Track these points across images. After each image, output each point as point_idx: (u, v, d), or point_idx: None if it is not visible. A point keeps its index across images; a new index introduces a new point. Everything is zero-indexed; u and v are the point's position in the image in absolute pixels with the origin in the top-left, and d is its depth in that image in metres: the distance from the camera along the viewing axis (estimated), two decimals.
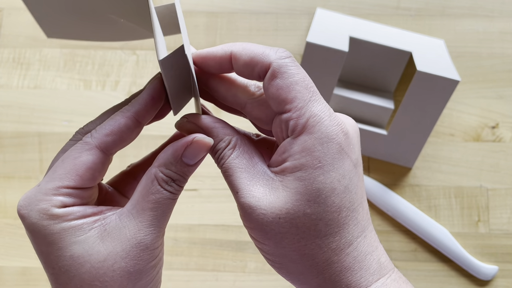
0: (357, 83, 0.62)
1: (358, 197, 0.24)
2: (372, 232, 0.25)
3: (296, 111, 0.24)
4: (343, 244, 0.24)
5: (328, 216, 0.23)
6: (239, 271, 0.55)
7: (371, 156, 0.59)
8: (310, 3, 0.64)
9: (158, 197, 0.25)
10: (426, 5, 0.64)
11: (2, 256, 0.56)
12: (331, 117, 0.24)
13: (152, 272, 0.25)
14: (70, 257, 0.24)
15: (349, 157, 0.24)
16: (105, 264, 0.24)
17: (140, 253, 0.24)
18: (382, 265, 0.24)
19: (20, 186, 0.58)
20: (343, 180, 0.23)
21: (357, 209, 0.24)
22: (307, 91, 0.24)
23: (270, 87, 0.24)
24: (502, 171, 0.59)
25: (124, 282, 0.24)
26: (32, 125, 0.60)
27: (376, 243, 0.25)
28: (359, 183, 0.24)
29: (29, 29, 0.63)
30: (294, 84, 0.24)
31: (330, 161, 0.23)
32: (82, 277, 0.24)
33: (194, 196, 0.57)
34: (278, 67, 0.24)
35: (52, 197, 0.24)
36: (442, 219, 0.57)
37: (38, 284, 0.55)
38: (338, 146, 0.23)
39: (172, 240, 0.56)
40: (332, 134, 0.23)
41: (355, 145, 0.25)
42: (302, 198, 0.23)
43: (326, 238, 0.23)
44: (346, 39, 0.56)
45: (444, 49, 0.60)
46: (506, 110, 0.60)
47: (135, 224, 0.25)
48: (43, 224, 0.24)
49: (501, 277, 0.56)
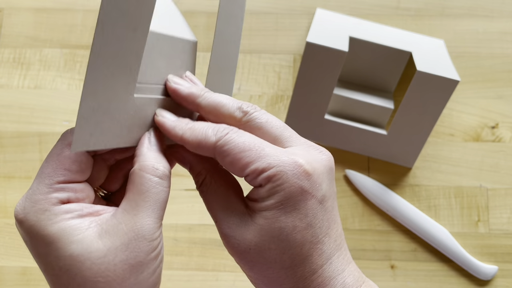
0: (357, 83, 0.62)
1: (323, 230, 0.26)
2: (340, 256, 0.27)
3: (254, 173, 0.26)
4: (308, 272, 0.26)
5: (291, 250, 0.26)
6: (239, 271, 0.55)
7: (371, 156, 0.59)
8: (310, 3, 0.64)
9: (148, 187, 0.26)
10: (426, 5, 0.64)
11: (2, 256, 0.56)
12: (293, 164, 0.26)
13: (153, 264, 0.26)
14: (70, 256, 0.24)
15: (313, 196, 0.26)
16: (105, 259, 0.24)
17: (139, 244, 0.25)
18: (346, 285, 0.27)
19: (20, 186, 0.58)
20: (305, 218, 0.26)
21: (322, 241, 0.26)
22: (255, 153, 0.26)
23: (224, 165, 0.27)
24: (502, 171, 0.59)
25: (126, 275, 0.25)
26: (32, 125, 0.60)
27: (343, 265, 0.27)
28: (325, 216, 0.26)
29: (29, 29, 0.63)
30: (242, 153, 0.26)
31: (292, 203, 0.26)
32: (84, 275, 0.24)
33: (194, 196, 0.57)
34: (219, 151, 0.26)
35: (46, 196, 0.25)
36: (442, 219, 0.58)
37: (38, 284, 0.55)
38: (300, 189, 0.25)
39: (172, 240, 0.56)
40: (293, 181, 0.25)
41: (323, 182, 0.26)
42: (267, 234, 0.26)
43: (291, 269, 0.26)
44: (346, 39, 0.56)
45: (444, 49, 0.60)
46: (506, 110, 0.60)
47: (130, 218, 0.25)
48: (41, 225, 0.24)
49: (501, 277, 0.56)
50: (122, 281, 0.25)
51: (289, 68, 0.62)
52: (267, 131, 0.28)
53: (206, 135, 0.27)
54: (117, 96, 0.26)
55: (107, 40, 0.25)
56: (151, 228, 0.25)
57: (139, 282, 0.25)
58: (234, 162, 0.26)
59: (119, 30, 0.25)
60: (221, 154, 0.26)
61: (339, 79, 0.61)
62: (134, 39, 0.26)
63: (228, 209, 0.27)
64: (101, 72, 0.25)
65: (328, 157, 0.28)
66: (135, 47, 0.26)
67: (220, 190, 0.28)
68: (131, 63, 0.26)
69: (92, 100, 0.25)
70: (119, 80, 0.26)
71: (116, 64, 0.25)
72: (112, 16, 0.24)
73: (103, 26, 0.24)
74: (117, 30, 0.25)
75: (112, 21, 0.24)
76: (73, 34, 0.63)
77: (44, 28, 0.63)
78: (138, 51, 0.26)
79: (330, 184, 0.27)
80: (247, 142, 0.26)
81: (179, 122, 0.28)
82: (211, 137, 0.26)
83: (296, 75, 0.60)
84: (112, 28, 0.25)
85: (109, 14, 0.24)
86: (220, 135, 0.26)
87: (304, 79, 0.55)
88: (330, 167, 0.28)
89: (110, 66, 0.25)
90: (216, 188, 0.28)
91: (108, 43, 0.25)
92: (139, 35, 0.26)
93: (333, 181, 0.28)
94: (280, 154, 0.26)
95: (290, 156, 0.26)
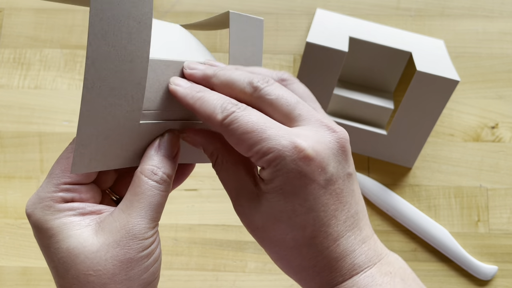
0: (357, 83, 0.62)
1: (328, 213, 0.26)
2: (351, 237, 0.27)
3: (257, 156, 0.26)
4: (313, 253, 0.26)
5: (293, 232, 0.26)
6: (239, 271, 0.56)
7: (371, 156, 0.59)
8: (310, 3, 0.64)
9: (143, 189, 0.27)
10: (426, 5, 0.64)
11: (2, 256, 0.56)
12: (292, 149, 0.25)
13: (144, 262, 0.27)
14: (67, 249, 0.26)
15: (314, 181, 0.26)
16: (98, 254, 0.26)
17: (129, 242, 0.26)
18: (355, 266, 0.26)
19: (20, 186, 0.58)
20: (306, 202, 0.26)
21: (327, 224, 0.26)
22: (257, 135, 0.25)
23: (230, 143, 0.27)
24: (502, 171, 0.59)
25: (116, 271, 0.26)
26: (32, 125, 0.60)
27: (354, 246, 0.27)
28: (331, 200, 0.26)
29: (30, 29, 0.63)
30: (245, 134, 0.26)
31: (291, 188, 0.26)
32: (77, 268, 0.26)
33: (194, 196, 0.58)
34: (225, 129, 0.26)
35: (52, 194, 0.27)
36: (442, 219, 0.58)
37: (38, 284, 0.55)
38: (298, 174, 0.25)
39: (172, 240, 0.56)
40: (291, 167, 0.25)
41: (328, 165, 0.26)
42: (270, 216, 0.26)
43: (296, 249, 0.26)
44: (346, 39, 0.56)
45: (443, 49, 0.60)
46: (505, 110, 0.60)
47: (124, 217, 0.27)
48: (46, 219, 0.27)
49: (500, 277, 0.56)
50: (112, 276, 0.26)
51: (289, 68, 0.62)
52: (277, 108, 0.27)
53: (214, 110, 0.26)
54: (119, 123, 0.26)
55: (100, 75, 0.24)
56: (142, 227, 0.27)
57: (129, 278, 0.26)
58: (238, 142, 0.26)
59: (113, 64, 0.25)
60: (226, 133, 0.26)
61: (339, 79, 0.61)
62: (132, 70, 0.25)
63: (239, 188, 0.28)
64: (97, 104, 0.25)
65: (339, 137, 0.27)
66: (135, 77, 0.26)
67: (232, 170, 0.28)
68: (132, 92, 0.26)
69: (91, 128, 0.25)
70: (120, 109, 0.26)
71: (114, 95, 0.25)
72: (101, 51, 0.24)
73: (94, 61, 0.24)
74: (110, 64, 0.24)
75: (103, 55, 0.24)
76: (73, 34, 0.63)
77: (44, 28, 0.63)
78: (139, 80, 0.26)
79: (340, 165, 0.27)
80: (251, 123, 0.26)
81: (190, 90, 0.28)
82: (218, 114, 0.26)
83: (296, 75, 0.60)
84: (104, 62, 0.24)
85: (98, 50, 0.24)
86: (226, 113, 0.26)
87: (304, 79, 0.55)
88: (340, 147, 0.27)
89: (107, 97, 0.25)
90: (228, 167, 0.28)
91: (101, 77, 0.24)
92: (138, 65, 0.26)
93: (344, 162, 0.27)
94: (282, 137, 0.25)
95: (292, 139, 0.25)
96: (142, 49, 0.26)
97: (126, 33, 0.25)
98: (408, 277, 0.28)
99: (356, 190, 0.28)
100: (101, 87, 0.24)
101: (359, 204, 0.28)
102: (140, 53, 0.26)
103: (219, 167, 0.29)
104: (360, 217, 0.27)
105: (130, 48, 0.25)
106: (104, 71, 0.24)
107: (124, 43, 0.25)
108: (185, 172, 0.33)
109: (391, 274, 0.27)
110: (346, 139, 0.27)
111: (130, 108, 0.26)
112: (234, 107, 0.26)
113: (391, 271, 0.27)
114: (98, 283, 0.26)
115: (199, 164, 0.54)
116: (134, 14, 0.25)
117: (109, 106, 0.25)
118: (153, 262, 0.28)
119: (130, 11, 0.25)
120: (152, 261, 0.28)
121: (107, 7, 0.24)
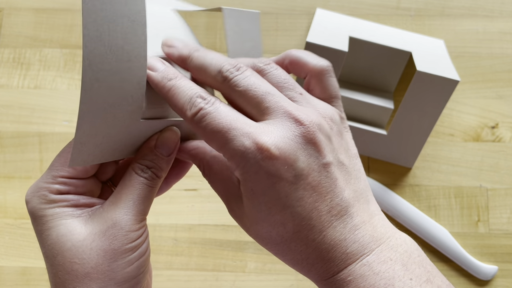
0: (357, 83, 0.62)
1: (306, 207, 0.25)
2: (339, 226, 0.26)
3: (225, 156, 0.25)
4: (301, 246, 0.26)
5: (275, 230, 0.26)
6: (239, 271, 0.55)
7: (370, 156, 0.59)
8: (310, 3, 0.64)
9: (133, 183, 0.28)
10: (426, 5, 0.64)
11: (2, 256, 0.56)
12: (255, 151, 0.25)
13: (128, 255, 0.27)
14: (56, 235, 0.27)
15: (281, 179, 0.25)
16: (84, 243, 0.27)
17: (115, 233, 0.27)
18: (348, 254, 0.25)
19: (20, 186, 0.58)
20: (278, 201, 0.25)
21: (308, 217, 0.25)
22: (223, 135, 0.25)
23: (203, 140, 0.27)
24: (502, 171, 0.59)
25: (100, 260, 0.27)
26: (32, 125, 0.60)
27: (344, 235, 0.25)
28: (305, 194, 0.25)
29: (29, 29, 0.63)
30: (212, 134, 0.25)
31: (260, 190, 0.25)
32: (64, 255, 0.27)
33: (194, 196, 0.57)
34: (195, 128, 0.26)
35: (49, 185, 0.28)
36: (442, 219, 0.58)
37: (38, 284, 0.55)
38: (265, 175, 0.25)
39: (172, 240, 0.56)
40: (255, 169, 0.25)
41: (295, 161, 0.25)
42: (252, 216, 0.26)
43: (284, 244, 0.26)
44: (346, 39, 0.56)
45: (443, 49, 0.60)
46: (505, 110, 0.60)
47: (112, 208, 0.28)
48: (41, 207, 0.28)
49: (501, 277, 0.56)
50: (95, 265, 0.27)
51: None
52: (246, 100, 0.26)
53: (184, 105, 0.26)
54: (119, 122, 0.26)
55: (98, 76, 0.24)
56: (128, 219, 0.27)
57: (113, 269, 0.27)
58: (209, 141, 0.26)
59: (110, 64, 0.24)
60: (197, 130, 0.26)
61: (339, 79, 0.61)
62: (130, 69, 0.25)
63: (227, 193, 0.28)
64: (96, 104, 0.24)
65: (306, 129, 0.25)
66: (134, 76, 0.25)
67: (218, 177, 0.29)
68: (131, 92, 0.26)
69: (89, 127, 0.25)
70: (120, 109, 0.26)
71: (113, 95, 0.25)
72: (98, 52, 0.24)
73: (90, 63, 0.24)
74: (107, 65, 0.24)
75: (99, 56, 0.24)
76: (73, 34, 0.63)
77: (44, 28, 0.63)
78: (138, 80, 0.26)
79: (310, 158, 0.25)
80: (218, 121, 0.25)
81: (162, 78, 0.27)
82: (187, 110, 0.26)
83: None
84: (101, 64, 0.24)
85: (94, 51, 0.24)
86: (194, 110, 0.26)
87: None
88: (308, 141, 0.25)
89: (106, 98, 0.25)
90: (215, 174, 0.29)
91: (99, 79, 0.24)
92: (136, 64, 0.25)
93: (317, 153, 0.25)
94: (246, 136, 0.25)
95: (255, 138, 0.24)
96: (139, 48, 0.25)
97: (121, 33, 0.24)
98: (412, 261, 0.25)
99: (339, 178, 0.26)
100: (100, 88, 0.24)
101: (346, 191, 0.26)
102: (138, 52, 0.25)
103: (207, 177, 0.30)
104: (351, 203, 0.26)
105: (127, 48, 0.25)
106: (101, 72, 0.24)
107: (120, 43, 0.24)
108: (184, 168, 0.33)
109: (391, 260, 0.25)
110: (314, 131, 0.25)
111: (130, 108, 0.26)
112: (203, 103, 0.26)
113: (391, 258, 0.25)
114: (81, 271, 0.27)
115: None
116: (128, 13, 0.25)
117: (108, 106, 0.25)
118: (138, 256, 0.28)
119: (123, 10, 0.24)
120: (137, 255, 0.28)
121: (99, 8, 0.23)
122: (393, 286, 0.24)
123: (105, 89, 0.25)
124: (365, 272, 0.25)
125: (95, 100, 0.24)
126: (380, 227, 0.27)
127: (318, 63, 0.29)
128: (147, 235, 0.29)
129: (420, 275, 0.25)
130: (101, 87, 0.24)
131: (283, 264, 0.55)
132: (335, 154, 0.27)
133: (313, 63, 0.29)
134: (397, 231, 0.27)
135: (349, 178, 0.27)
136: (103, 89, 0.25)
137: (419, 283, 0.25)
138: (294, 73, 0.30)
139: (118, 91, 0.25)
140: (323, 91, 0.29)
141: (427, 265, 0.26)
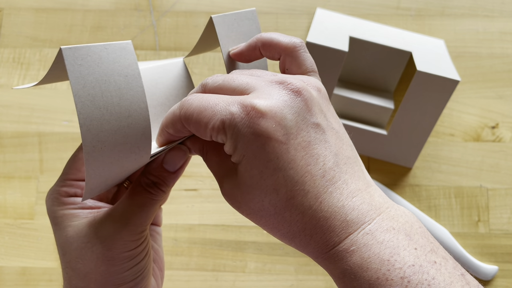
0: (357, 83, 0.62)
1: (299, 170, 0.24)
2: (335, 192, 0.24)
3: (214, 133, 0.25)
4: (296, 216, 0.25)
5: (268, 197, 0.25)
6: (239, 271, 0.55)
7: (371, 156, 0.59)
8: (310, 3, 0.64)
9: (138, 195, 0.30)
10: (426, 5, 0.64)
11: (2, 256, 0.56)
12: (242, 113, 0.24)
13: (125, 262, 0.29)
14: (65, 236, 0.30)
15: (271, 138, 0.24)
16: (87, 245, 0.29)
17: (115, 241, 0.29)
18: (349, 222, 0.24)
19: (20, 186, 0.58)
20: (269, 163, 0.24)
21: (301, 181, 0.24)
22: (209, 112, 0.25)
23: (194, 132, 0.27)
24: (502, 171, 0.59)
25: (99, 263, 0.29)
26: (32, 125, 0.60)
27: (342, 201, 0.24)
28: (297, 155, 0.24)
29: (29, 29, 0.63)
30: (199, 114, 0.25)
31: (251, 152, 0.24)
32: (71, 254, 0.29)
33: (194, 196, 0.57)
34: (184, 119, 0.27)
35: (59, 188, 0.31)
36: (442, 219, 0.57)
37: (38, 284, 0.55)
38: (253, 135, 0.24)
39: (172, 240, 0.56)
40: (245, 130, 0.24)
41: (283, 119, 0.24)
42: (245, 186, 0.25)
43: (279, 214, 0.25)
44: (346, 39, 0.56)
45: (444, 49, 0.60)
46: (506, 110, 0.60)
47: (115, 217, 0.29)
48: (53, 209, 0.31)
49: (501, 277, 0.56)
50: (95, 267, 0.29)
51: None
52: (226, 86, 0.27)
53: (173, 110, 0.27)
54: (128, 168, 0.26)
55: (99, 138, 0.23)
56: (128, 229, 0.29)
57: (110, 273, 0.29)
58: (196, 126, 0.26)
59: (109, 124, 0.23)
60: (186, 121, 0.26)
61: (339, 79, 0.61)
62: (132, 124, 0.24)
63: (221, 171, 0.28)
64: (102, 162, 0.24)
65: (292, 87, 0.25)
66: (137, 130, 0.25)
67: (214, 155, 0.29)
68: (137, 144, 0.25)
69: (98, 181, 0.25)
70: (127, 160, 0.25)
71: (119, 151, 0.24)
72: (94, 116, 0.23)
73: (89, 128, 0.23)
74: (106, 125, 0.23)
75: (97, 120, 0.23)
76: (73, 33, 0.63)
77: (44, 28, 0.63)
78: (143, 131, 0.25)
79: (299, 116, 0.25)
80: (202, 102, 0.25)
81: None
82: (176, 110, 0.27)
83: None
84: (100, 126, 0.23)
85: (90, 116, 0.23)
86: (181, 104, 0.27)
87: None
88: (296, 97, 0.25)
89: (111, 155, 0.24)
90: (211, 154, 0.29)
91: (100, 140, 0.23)
92: (137, 117, 0.24)
93: (306, 111, 0.25)
94: (231, 104, 0.25)
95: (241, 103, 0.25)
96: (138, 100, 0.24)
97: (115, 90, 0.23)
98: (415, 232, 0.24)
99: (331, 141, 0.25)
100: (103, 148, 0.23)
101: (339, 155, 0.25)
102: (137, 105, 0.24)
103: (204, 157, 0.29)
104: (343, 170, 0.25)
105: (124, 104, 0.24)
106: (102, 134, 0.23)
107: (115, 101, 0.23)
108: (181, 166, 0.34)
109: (394, 230, 0.24)
110: (301, 87, 0.25)
111: (137, 156, 0.25)
112: (188, 96, 0.27)
113: (394, 227, 0.24)
114: (83, 271, 0.29)
115: (199, 164, 0.55)
116: (118, 70, 0.23)
117: (115, 161, 0.24)
118: (135, 263, 0.30)
119: (113, 68, 0.23)
120: (134, 262, 0.30)
121: (86, 73, 0.22)
122: (399, 256, 0.23)
123: (108, 148, 0.24)
124: (369, 241, 0.23)
125: (100, 159, 0.24)
126: (378, 196, 0.25)
127: (291, 40, 0.29)
128: (147, 243, 0.31)
129: (424, 245, 0.24)
130: (104, 147, 0.23)
131: (283, 264, 0.55)
132: (325, 117, 0.26)
133: (286, 41, 0.29)
134: (395, 203, 0.26)
135: (340, 144, 0.26)
136: (107, 149, 0.24)
137: (424, 253, 0.23)
138: (267, 55, 0.30)
139: (123, 147, 0.24)
140: (299, 67, 0.29)
141: (429, 237, 0.25)
